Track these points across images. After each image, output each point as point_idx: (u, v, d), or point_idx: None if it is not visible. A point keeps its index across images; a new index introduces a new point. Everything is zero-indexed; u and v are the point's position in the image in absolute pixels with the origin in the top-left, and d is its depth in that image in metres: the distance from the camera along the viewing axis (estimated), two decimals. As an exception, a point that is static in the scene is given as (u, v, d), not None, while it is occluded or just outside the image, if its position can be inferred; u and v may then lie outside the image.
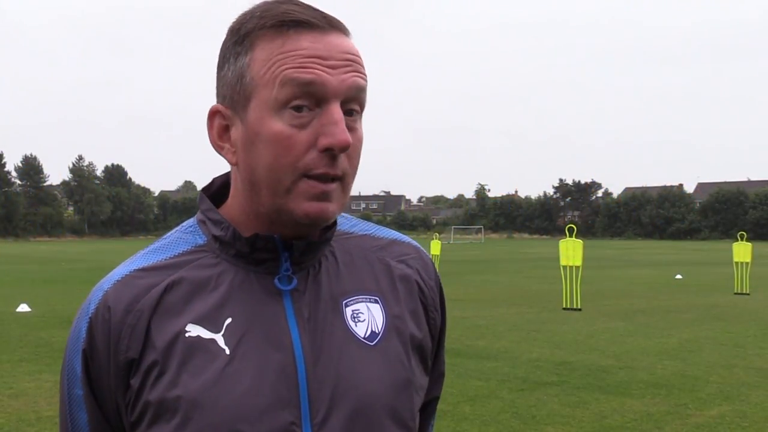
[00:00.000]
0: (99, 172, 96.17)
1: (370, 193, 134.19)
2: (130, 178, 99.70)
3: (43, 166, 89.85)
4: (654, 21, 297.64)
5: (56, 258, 37.32)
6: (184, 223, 1.13)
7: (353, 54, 1.00)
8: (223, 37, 1.06)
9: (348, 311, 1.06)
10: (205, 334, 1.00)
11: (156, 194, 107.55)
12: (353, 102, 1.00)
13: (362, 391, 1.01)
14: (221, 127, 1.05)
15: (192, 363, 0.98)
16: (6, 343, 10.20)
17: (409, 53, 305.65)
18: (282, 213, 1.00)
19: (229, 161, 1.05)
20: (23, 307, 13.97)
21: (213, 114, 1.05)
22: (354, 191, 1.13)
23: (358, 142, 1.01)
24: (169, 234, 1.12)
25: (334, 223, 1.10)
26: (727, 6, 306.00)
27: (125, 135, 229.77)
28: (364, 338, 1.05)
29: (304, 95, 0.96)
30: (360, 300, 1.08)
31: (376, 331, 1.06)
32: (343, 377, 1.00)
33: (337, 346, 1.02)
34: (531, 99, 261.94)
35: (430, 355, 1.15)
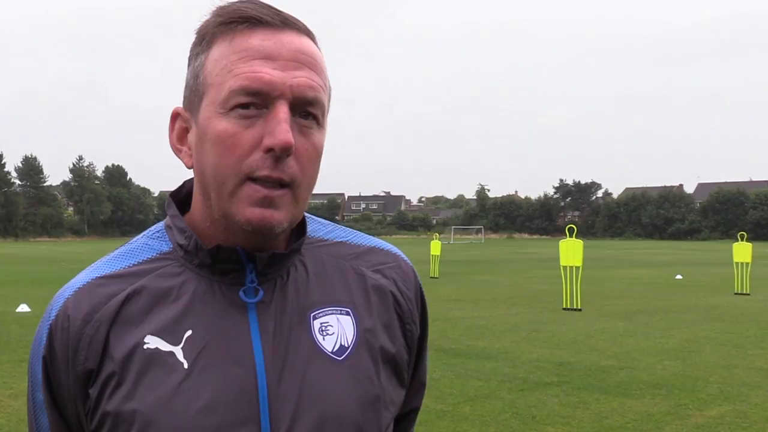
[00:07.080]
0: (99, 173, 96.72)
1: (370, 193, 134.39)
2: (130, 179, 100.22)
3: (43, 167, 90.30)
4: (654, 21, 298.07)
5: (56, 258, 37.32)
6: (152, 228, 1.09)
7: (306, 54, 0.96)
8: None
9: (316, 324, 1.02)
10: (164, 346, 0.97)
11: (156, 194, 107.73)
12: (308, 105, 0.96)
13: (326, 408, 0.97)
14: (181, 129, 1.03)
15: (149, 376, 0.96)
16: (6, 343, 10.20)
17: (410, 53, 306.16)
18: (228, 218, 0.96)
19: (185, 164, 1.02)
20: (23, 308, 13.96)
21: (174, 116, 1.03)
22: (354, 191, 1.12)
23: (312, 148, 0.97)
24: (135, 239, 1.09)
25: (303, 232, 1.06)
26: (728, 4, 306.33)
27: (125, 135, 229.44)
28: (331, 353, 1.00)
29: (251, 95, 0.93)
30: (330, 312, 1.03)
31: (346, 345, 1.02)
32: (307, 394, 0.97)
33: (302, 361, 0.98)
34: (531, 99, 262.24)
35: (407, 367, 1.10)
